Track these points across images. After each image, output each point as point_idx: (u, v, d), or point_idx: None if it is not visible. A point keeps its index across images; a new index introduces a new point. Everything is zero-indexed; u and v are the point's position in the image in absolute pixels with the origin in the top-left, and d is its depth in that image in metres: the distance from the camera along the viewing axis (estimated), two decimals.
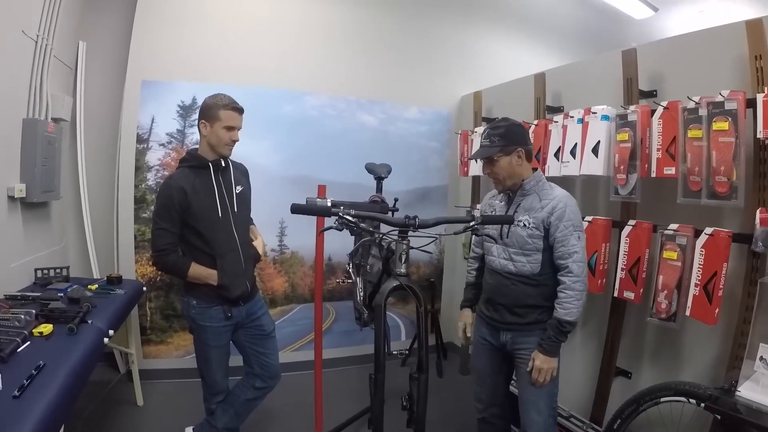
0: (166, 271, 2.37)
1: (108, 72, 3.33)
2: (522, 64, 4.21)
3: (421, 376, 1.85)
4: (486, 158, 2.11)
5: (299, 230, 3.59)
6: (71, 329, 1.91)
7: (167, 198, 2.18)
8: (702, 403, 1.94)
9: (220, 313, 2.31)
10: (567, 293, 2.00)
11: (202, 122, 2.24)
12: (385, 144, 3.91)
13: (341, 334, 3.82)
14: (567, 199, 2.06)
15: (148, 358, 3.37)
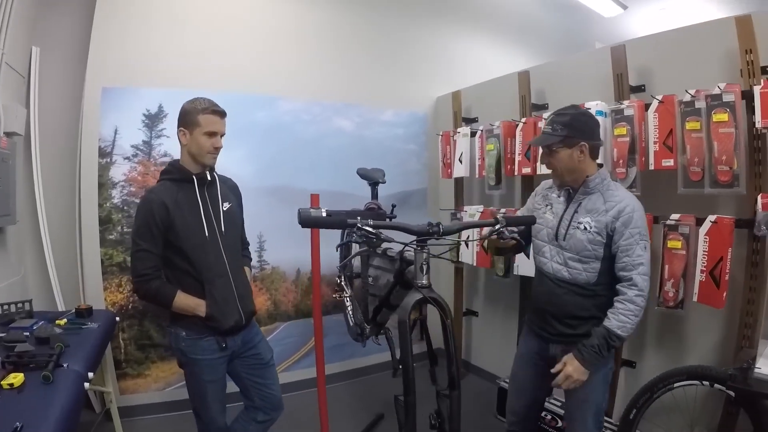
0: (149, 299, 2.14)
1: (65, 79, 3.16)
2: (495, 63, 4.45)
3: (453, 393, 1.81)
4: (545, 147, 2.00)
5: (279, 245, 3.54)
6: (47, 377, 1.74)
7: (148, 214, 2.02)
8: (715, 384, 2.12)
9: (213, 344, 2.15)
10: (626, 305, 1.86)
11: (180, 130, 2.11)
12: (362, 148, 3.96)
13: (329, 350, 3.78)
14: (634, 202, 1.94)
15: (125, 393, 3.23)
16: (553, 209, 2.09)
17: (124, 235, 3.16)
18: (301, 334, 3.82)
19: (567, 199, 2.05)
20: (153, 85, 3.19)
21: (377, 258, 2.49)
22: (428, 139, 4.32)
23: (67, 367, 1.88)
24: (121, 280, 3.17)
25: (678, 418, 2.39)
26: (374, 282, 2.47)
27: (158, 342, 3.27)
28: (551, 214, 2.09)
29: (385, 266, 2.34)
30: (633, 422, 2.36)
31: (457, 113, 3.89)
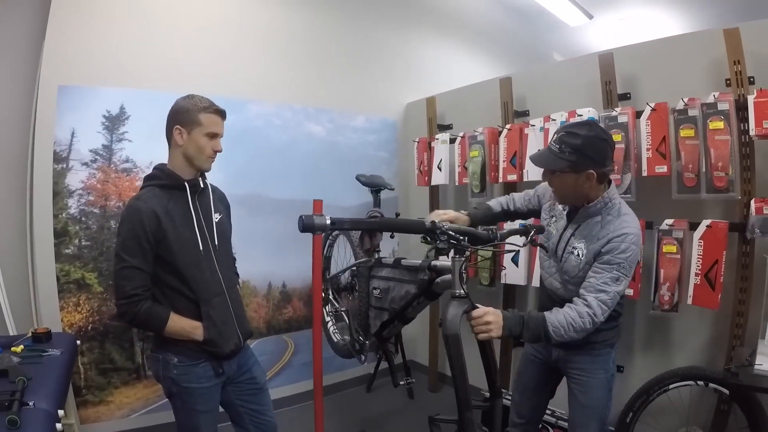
0: (137, 324, 2.00)
1: (15, 76, 2.95)
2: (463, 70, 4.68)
3: (496, 401, 1.88)
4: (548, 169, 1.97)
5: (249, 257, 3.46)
6: (13, 422, 1.54)
7: (137, 225, 1.86)
8: (710, 383, 2.32)
9: (209, 369, 2.03)
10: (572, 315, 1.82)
11: (176, 129, 1.97)
12: (335, 155, 3.98)
13: (303, 367, 3.75)
14: (629, 236, 1.88)
15: (86, 423, 3.04)
16: (556, 225, 2.12)
17: (82, 249, 3.01)
18: (273, 352, 3.78)
19: (568, 217, 2.07)
20: (114, 84, 3.06)
21: (386, 269, 2.47)
22: (399, 146, 4.41)
23: (33, 405, 1.71)
24: (79, 299, 2.99)
25: (672, 418, 2.56)
26: (382, 294, 2.45)
27: (120, 365, 3.13)
28: (554, 229, 2.13)
29: (402, 277, 2.32)
30: (630, 425, 2.52)
31: (432, 119, 3.99)
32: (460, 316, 1.74)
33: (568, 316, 1.81)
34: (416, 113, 4.27)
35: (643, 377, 2.59)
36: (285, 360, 3.84)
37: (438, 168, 3.74)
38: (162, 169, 2.03)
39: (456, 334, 1.71)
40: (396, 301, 2.32)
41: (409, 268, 2.29)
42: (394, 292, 2.36)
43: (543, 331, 1.80)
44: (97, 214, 3.05)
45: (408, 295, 2.22)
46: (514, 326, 1.78)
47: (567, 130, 1.90)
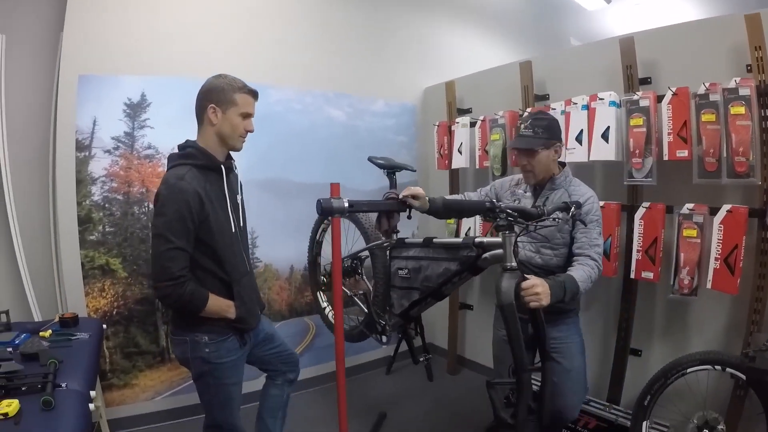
0: (180, 305, 1.99)
1: (36, 68, 3.04)
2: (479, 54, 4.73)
3: (546, 364, 2.00)
4: (527, 149, 2.29)
5: (271, 241, 3.56)
6: (48, 403, 1.59)
7: (182, 206, 1.89)
8: (727, 368, 2.37)
9: (236, 342, 2.15)
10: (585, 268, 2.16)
11: (211, 107, 2.01)
12: (355, 140, 4.06)
13: (324, 349, 3.86)
14: (593, 195, 2.35)
15: (111, 406, 3.17)
16: (522, 203, 2.40)
17: (106, 235, 3.12)
18: (295, 334, 3.90)
19: (534, 194, 2.43)
20: (134, 72, 3.14)
21: (413, 249, 2.52)
22: (418, 131, 4.48)
23: (66, 387, 1.76)
24: (104, 284, 3.11)
25: (689, 402, 2.60)
26: (411, 274, 2.50)
27: (145, 349, 3.25)
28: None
29: (438, 255, 2.38)
30: (647, 408, 2.58)
31: (452, 103, 4.03)
32: (513, 287, 1.88)
33: (585, 271, 2.14)
34: (435, 97, 4.32)
35: (661, 361, 2.66)
36: (307, 342, 3.97)
37: (458, 151, 3.80)
38: (198, 149, 2.04)
39: (511, 303, 1.85)
40: (432, 279, 2.37)
41: (448, 246, 2.34)
42: (428, 271, 2.40)
43: (576, 289, 2.06)
44: (120, 200, 3.15)
45: (447, 272, 2.28)
46: (557, 292, 1.97)
47: (533, 117, 2.38)
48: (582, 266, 2.17)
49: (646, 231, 2.74)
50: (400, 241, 2.62)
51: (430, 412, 3.58)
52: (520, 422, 1.90)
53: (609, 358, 3.10)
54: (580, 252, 2.24)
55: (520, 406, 1.89)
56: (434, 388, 3.76)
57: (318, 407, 3.60)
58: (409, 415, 3.54)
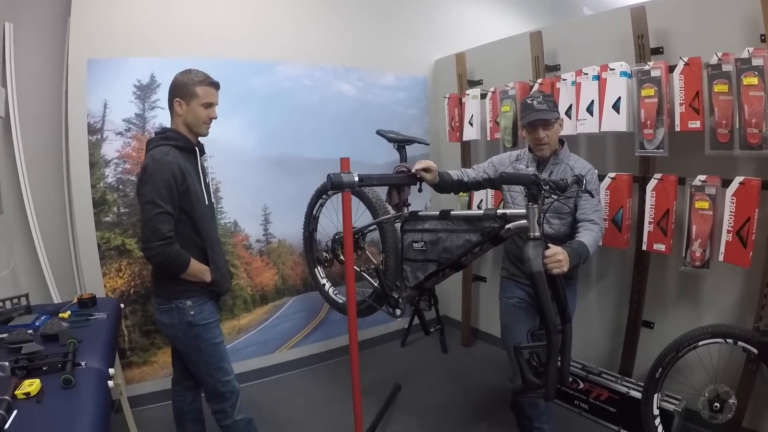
0: (167, 265, 2.19)
1: (45, 54, 3.08)
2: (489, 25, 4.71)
3: (567, 326, 2.05)
4: (545, 120, 2.38)
5: (284, 216, 3.61)
6: (68, 381, 1.64)
7: (170, 176, 2.13)
8: (739, 342, 2.38)
9: (213, 306, 2.41)
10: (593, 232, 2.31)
11: (176, 100, 2.26)
12: (365, 114, 4.07)
13: (338, 323, 3.94)
14: (592, 169, 2.50)
15: (131, 383, 3.30)
16: None
17: (120, 216, 3.19)
18: (310, 309, 3.99)
19: (537, 168, 2.52)
20: (143, 54, 3.17)
21: (429, 222, 2.55)
22: (429, 103, 4.47)
23: (85, 365, 1.82)
24: (121, 264, 3.20)
25: (701, 375, 2.64)
26: (427, 247, 2.55)
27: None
28: None
29: (457, 227, 2.43)
30: (659, 380, 2.61)
31: (462, 75, 4.01)
32: (541, 255, 1.97)
33: (592, 236, 2.29)
34: (445, 70, 4.29)
35: (673, 333, 2.65)
36: (321, 316, 4.05)
37: (469, 123, 3.79)
38: (176, 132, 2.30)
39: (540, 270, 1.95)
40: (451, 251, 2.43)
41: (468, 218, 2.40)
42: (447, 243, 2.46)
43: (587, 254, 2.20)
44: (133, 181, 3.17)
45: (468, 243, 2.35)
46: (574, 258, 2.09)
47: (543, 94, 2.51)
48: (588, 231, 2.31)
49: (658, 203, 2.73)
50: (413, 214, 2.64)
51: (444, 383, 3.65)
52: (551, 381, 1.99)
53: (621, 330, 3.12)
54: (584, 217, 2.38)
55: (551, 366, 1.98)
56: (448, 360, 3.83)
57: (334, 380, 3.70)
58: (424, 387, 3.62)
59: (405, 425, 3.14)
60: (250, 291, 3.70)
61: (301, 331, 3.94)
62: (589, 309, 3.37)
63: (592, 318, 3.36)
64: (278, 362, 3.84)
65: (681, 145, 2.66)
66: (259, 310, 3.75)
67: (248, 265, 3.67)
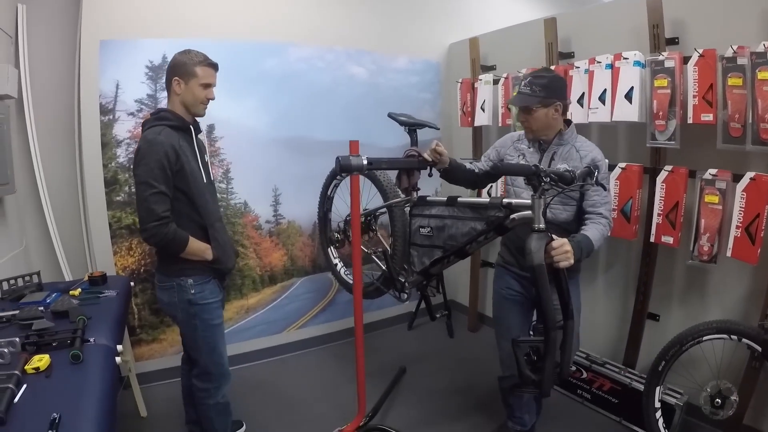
0: (164, 244, 2.22)
1: (57, 35, 3.11)
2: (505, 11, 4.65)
3: (569, 322, 2.00)
4: (524, 107, 2.30)
5: (294, 198, 3.64)
6: (76, 356, 1.68)
7: (162, 156, 2.14)
8: (743, 339, 2.37)
9: (216, 285, 2.43)
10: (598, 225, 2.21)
11: (175, 79, 2.27)
12: (378, 97, 4.06)
13: (347, 304, 3.99)
14: (601, 153, 2.34)
15: (140, 360, 3.38)
16: (527, 159, 2.42)
17: (132, 195, 3.22)
18: (318, 290, 4.05)
19: (540, 150, 2.40)
20: (155, 35, 3.18)
21: (436, 207, 2.56)
22: (442, 88, 4.45)
23: (93, 341, 1.86)
24: (131, 243, 3.25)
25: (704, 370, 2.64)
26: (434, 232, 2.56)
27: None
28: (525, 162, 2.40)
29: (463, 215, 2.43)
30: (661, 373, 2.61)
31: (476, 60, 3.97)
32: (543, 248, 1.92)
33: (598, 230, 2.19)
34: (459, 54, 4.25)
35: (679, 326, 2.67)
36: (329, 297, 4.10)
37: (481, 109, 3.78)
38: (170, 111, 2.31)
39: (542, 264, 1.89)
40: (457, 238, 2.44)
41: (474, 205, 2.39)
42: (452, 230, 2.47)
43: (591, 248, 2.13)
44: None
45: (473, 231, 2.35)
46: (576, 252, 2.01)
47: (533, 75, 2.31)
48: (595, 224, 2.22)
49: (668, 195, 2.71)
50: (422, 198, 2.65)
51: (449, 368, 3.69)
52: (547, 376, 1.95)
53: (626, 321, 3.13)
54: (592, 210, 2.27)
55: (548, 362, 1.94)
56: (454, 345, 3.85)
57: (340, 361, 3.76)
58: (429, 371, 3.66)
59: (408, 408, 3.18)
60: (259, 271, 3.75)
61: (308, 312, 3.99)
62: (595, 299, 3.37)
63: (598, 308, 3.36)
64: (285, 342, 3.90)
65: (693, 138, 2.63)
66: (267, 290, 3.80)
67: (257, 246, 3.70)
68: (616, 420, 2.98)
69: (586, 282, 3.36)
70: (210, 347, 2.44)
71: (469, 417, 3.07)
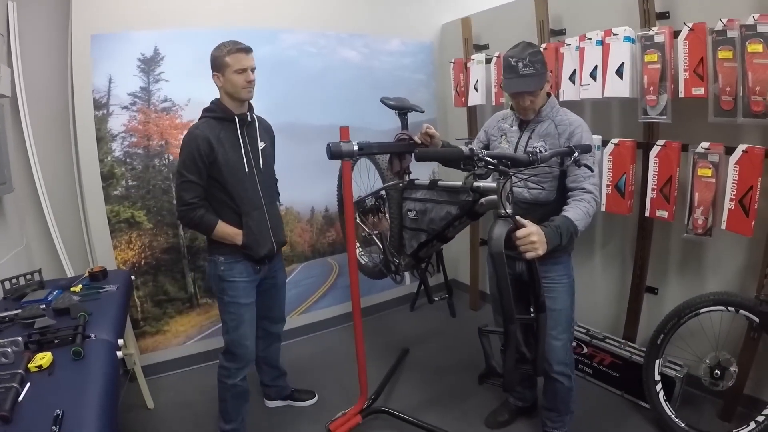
0: (192, 226, 2.53)
1: (49, 32, 3.11)
2: None
3: (541, 315, 1.97)
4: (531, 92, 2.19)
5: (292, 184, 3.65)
6: (77, 353, 1.71)
7: (193, 148, 2.35)
8: (741, 310, 2.42)
9: (249, 267, 2.58)
10: (582, 203, 2.08)
11: (215, 75, 2.40)
12: (371, 80, 4.07)
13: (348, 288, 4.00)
14: (583, 123, 2.25)
15: (145, 352, 3.43)
16: (508, 138, 2.40)
17: (129, 189, 3.27)
18: (319, 274, 4.10)
19: (520, 127, 2.36)
20: (145, 27, 3.19)
21: (420, 191, 2.58)
22: (436, 69, 4.44)
23: (95, 337, 1.89)
24: (131, 237, 3.29)
25: (702, 342, 2.68)
26: (419, 216, 2.58)
27: (174, 296, 3.47)
28: (506, 143, 2.40)
29: (441, 198, 2.44)
30: (660, 346, 2.66)
31: (468, 40, 3.97)
32: (504, 235, 1.84)
33: (582, 207, 2.07)
34: (452, 34, 4.24)
35: (675, 301, 2.70)
36: (330, 282, 4.16)
37: (474, 88, 3.78)
38: (217, 104, 2.47)
39: (501, 252, 1.82)
40: (436, 222, 2.46)
41: (449, 189, 2.40)
42: (432, 213, 2.49)
43: (573, 230, 2.00)
44: (141, 154, 3.27)
45: (449, 215, 2.35)
46: (553, 239, 1.91)
47: (527, 51, 2.18)
48: (578, 203, 2.10)
49: (661, 169, 2.72)
50: (411, 182, 2.68)
51: (451, 347, 3.75)
52: (506, 372, 1.93)
53: (625, 295, 3.15)
54: (575, 185, 2.16)
55: (507, 356, 1.91)
56: (456, 324, 3.87)
57: (343, 344, 3.80)
58: (431, 351, 3.72)
59: (412, 389, 3.24)
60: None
61: (310, 297, 4.04)
62: (594, 274, 3.41)
63: (597, 283, 3.40)
64: (288, 328, 3.85)
65: (685, 112, 2.63)
66: None
67: None
68: (617, 394, 3.04)
69: (585, 258, 3.40)
70: (234, 325, 2.58)
71: (471, 395, 3.11)
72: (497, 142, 2.45)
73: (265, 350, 2.95)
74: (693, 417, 2.70)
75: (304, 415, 3.04)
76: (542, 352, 2.01)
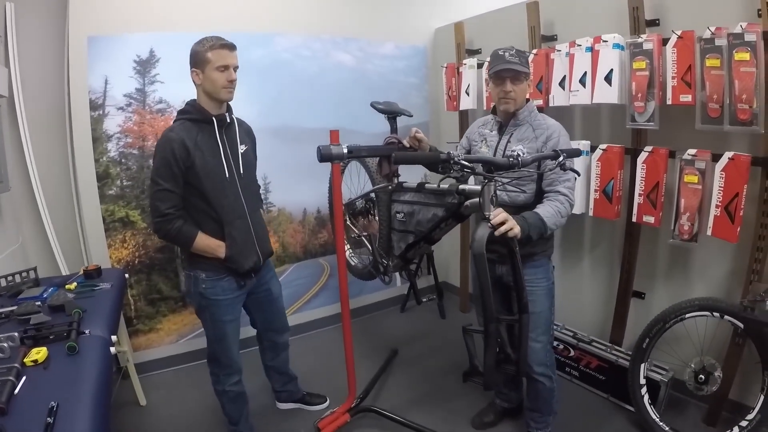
0: (170, 239, 2.29)
1: (46, 33, 3.11)
2: None
3: (524, 317, 1.96)
4: (513, 74, 2.22)
5: (284, 186, 3.67)
6: (72, 348, 1.75)
7: (168, 153, 2.13)
8: (725, 316, 2.42)
9: (233, 283, 2.38)
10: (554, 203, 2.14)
11: (193, 71, 2.21)
12: (365, 84, 4.05)
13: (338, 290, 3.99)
14: (560, 128, 2.29)
15: (138, 350, 3.42)
16: (487, 143, 2.42)
17: (124, 189, 3.25)
18: (311, 275, 4.08)
19: (499, 131, 2.39)
20: (142, 30, 3.17)
21: (408, 193, 2.58)
22: (429, 72, 4.43)
23: (89, 333, 1.91)
24: (125, 236, 3.28)
25: (687, 347, 2.67)
26: (406, 218, 2.57)
27: (167, 295, 3.45)
28: (486, 147, 2.42)
29: (428, 201, 2.42)
30: (645, 350, 2.66)
31: (461, 45, 3.95)
32: (486, 237, 1.86)
33: (553, 207, 2.13)
34: (446, 39, 4.22)
35: (662, 305, 2.70)
36: (322, 282, 4.14)
37: (466, 93, 3.77)
38: (193, 105, 2.28)
39: (482, 253, 1.84)
40: (422, 224, 2.44)
41: (435, 192, 2.39)
42: (419, 215, 2.47)
43: (541, 224, 2.05)
44: (136, 155, 3.26)
45: (435, 217, 2.34)
46: (522, 225, 1.97)
47: (515, 48, 2.25)
48: (550, 202, 2.16)
49: (648, 175, 2.71)
50: (399, 185, 2.67)
51: (440, 349, 3.73)
52: (487, 371, 1.93)
53: (613, 299, 3.14)
54: (550, 188, 2.21)
55: (487, 355, 1.91)
56: (446, 326, 3.88)
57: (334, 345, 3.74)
58: (420, 352, 3.71)
59: (400, 389, 3.23)
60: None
61: (301, 297, 4.03)
62: (582, 278, 3.40)
63: (584, 287, 3.39)
64: None
65: (672, 119, 2.62)
66: None
67: None
68: (603, 396, 3.03)
69: (572, 262, 3.40)
70: (218, 338, 2.46)
71: (458, 396, 3.11)
72: (478, 147, 2.47)
73: (273, 360, 2.88)
74: (678, 421, 2.71)
75: (293, 413, 3.04)
76: (525, 353, 2.01)
